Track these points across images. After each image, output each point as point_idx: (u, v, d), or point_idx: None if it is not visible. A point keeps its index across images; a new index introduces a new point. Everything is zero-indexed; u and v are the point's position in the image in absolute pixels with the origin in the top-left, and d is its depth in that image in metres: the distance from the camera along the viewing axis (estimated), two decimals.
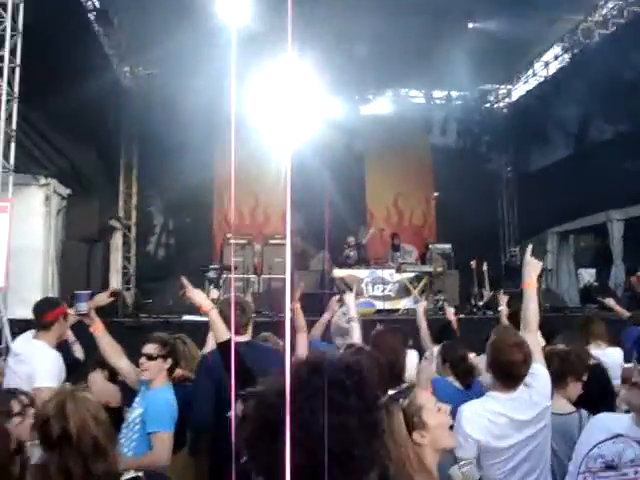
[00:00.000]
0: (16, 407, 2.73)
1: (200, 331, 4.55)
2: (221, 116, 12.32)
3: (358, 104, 15.38)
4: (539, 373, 3.06)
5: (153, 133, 13.38)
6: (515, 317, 4.91)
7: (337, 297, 4.85)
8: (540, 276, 12.26)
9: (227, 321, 3.79)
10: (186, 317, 8.60)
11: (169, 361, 3.63)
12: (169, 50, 11.62)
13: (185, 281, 3.44)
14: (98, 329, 3.85)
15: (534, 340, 3.19)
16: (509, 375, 2.97)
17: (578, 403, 3.43)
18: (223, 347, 3.16)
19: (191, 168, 13.00)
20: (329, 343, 4.82)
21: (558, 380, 3.31)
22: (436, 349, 4.57)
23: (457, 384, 3.98)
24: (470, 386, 4.04)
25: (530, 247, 3.61)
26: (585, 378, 3.48)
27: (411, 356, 4.61)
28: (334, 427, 1.17)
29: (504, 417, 2.93)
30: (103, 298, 4.10)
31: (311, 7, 10.03)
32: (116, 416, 3.51)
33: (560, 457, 3.17)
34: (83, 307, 3.80)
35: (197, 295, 3.35)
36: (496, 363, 3.02)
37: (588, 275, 15.26)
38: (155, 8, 10.81)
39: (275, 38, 9.54)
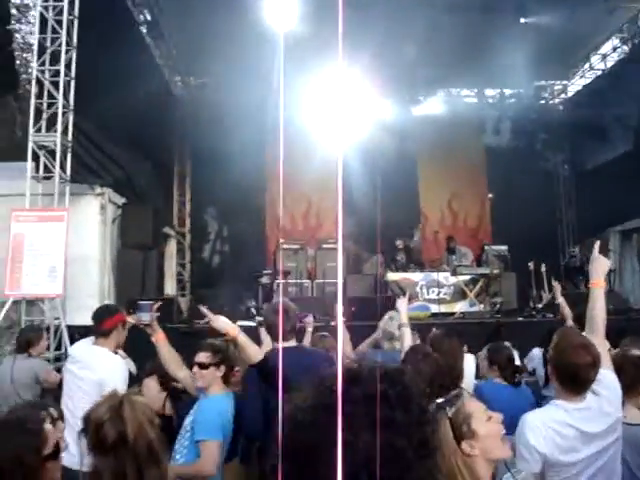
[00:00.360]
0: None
1: (255, 335, 4.53)
2: (272, 121, 12.42)
3: (409, 105, 15.23)
4: (608, 380, 2.82)
5: (205, 141, 13.53)
6: (581, 320, 4.71)
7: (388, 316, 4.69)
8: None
9: (271, 329, 3.77)
10: (240, 323, 8.60)
11: (222, 368, 3.60)
12: (219, 59, 11.82)
13: (205, 310, 3.51)
14: (160, 339, 3.88)
15: (601, 343, 2.97)
16: (575, 380, 2.71)
17: None
18: (258, 367, 3.15)
19: (243, 174, 13.12)
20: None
21: (630, 388, 3.10)
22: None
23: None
24: (519, 385, 4.10)
25: (597, 244, 3.32)
26: None
27: (468, 360, 4.48)
28: (380, 448, 0.99)
29: (572, 429, 2.68)
30: None
31: (359, 8, 9.97)
32: (167, 424, 3.51)
33: (633, 470, 2.99)
34: (146, 317, 3.83)
35: (221, 322, 3.40)
36: (561, 366, 2.76)
37: None
38: (204, 18, 10.98)
39: (323, 41, 9.49)
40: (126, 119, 9.66)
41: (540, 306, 9.93)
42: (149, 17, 12.02)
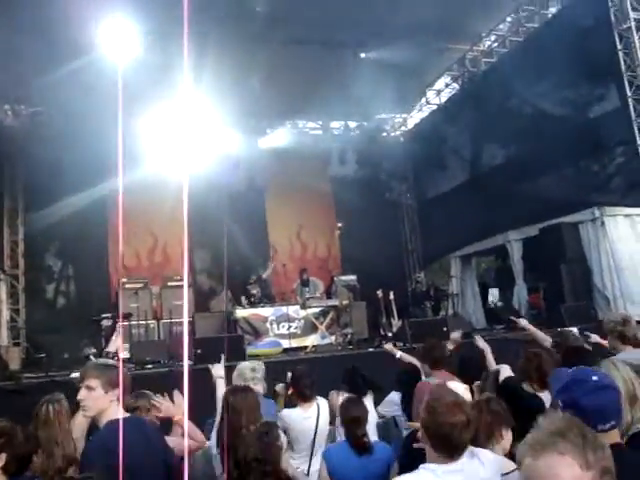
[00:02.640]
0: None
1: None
2: (113, 155, 11.65)
3: (256, 137, 15.11)
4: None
5: (40, 174, 12.47)
6: (430, 352, 4.62)
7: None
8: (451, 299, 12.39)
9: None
10: (75, 374, 7.76)
11: (2, 457, 2.81)
12: (54, 87, 10.93)
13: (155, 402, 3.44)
14: None
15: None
16: (448, 441, 2.39)
17: None
18: None
19: (84, 209, 12.28)
20: None
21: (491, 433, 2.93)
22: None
23: None
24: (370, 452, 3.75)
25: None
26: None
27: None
28: None
29: None
30: None
31: (204, 40, 9.73)
32: None
33: None
34: None
35: (167, 410, 3.34)
36: (432, 427, 2.43)
37: (492, 295, 15.58)
38: (32, 42, 10.12)
39: (168, 72, 9.10)
40: None
41: (390, 335, 10.01)
42: None
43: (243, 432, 2.93)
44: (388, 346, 6.12)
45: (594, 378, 2.16)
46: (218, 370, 4.16)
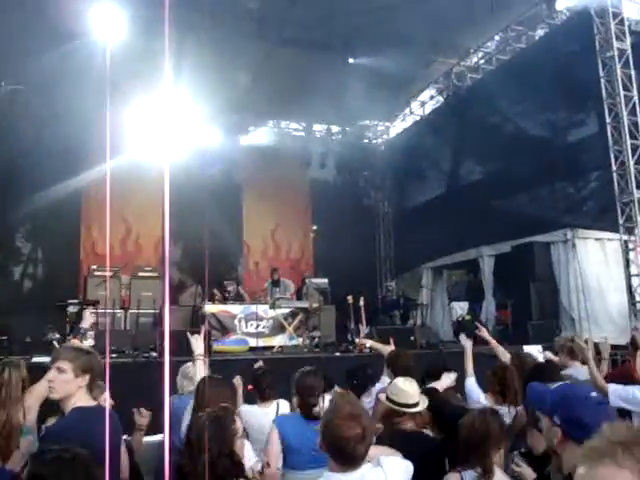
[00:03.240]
0: None
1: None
2: (90, 138, 11.56)
3: (238, 134, 15.06)
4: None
5: (14, 154, 12.25)
6: (395, 360, 4.63)
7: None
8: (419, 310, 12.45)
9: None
10: (36, 359, 7.61)
11: None
12: (37, 66, 10.76)
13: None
14: None
15: None
16: (342, 454, 2.38)
17: None
18: None
19: (59, 193, 12.12)
20: None
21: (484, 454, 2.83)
22: None
23: None
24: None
25: None
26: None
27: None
28: None
29: None
30: None
31: (191, 34, 9.67)
32: None
33: None
34: None
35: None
36: (327, 438, 2.43)
37: (460, 309, 15.71)
38: (18, 21, 9.96)
39: (153, 62, 9.02)
40: None
41: (357, 340, 10.02)
42: None
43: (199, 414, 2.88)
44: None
45: (592, 394, 2.18)
46: (198, 346, 3.95)
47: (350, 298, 10.43)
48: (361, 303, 10.04)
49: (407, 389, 3.33)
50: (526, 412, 3.28)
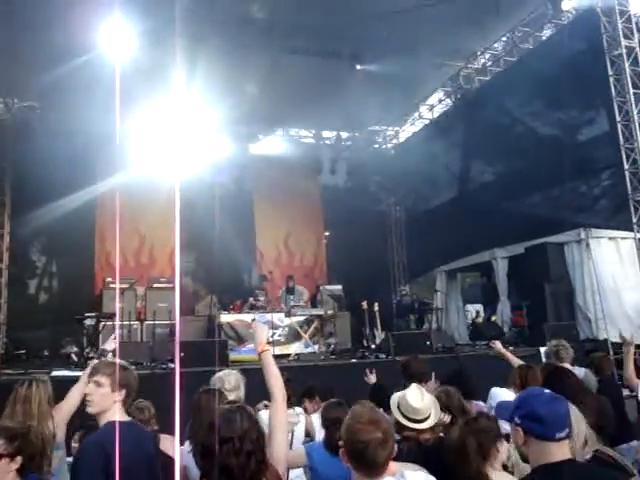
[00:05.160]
0: None
1: (69, 390, 3.88)
2: (105, 153, 11.70)
3: (248, 142, 15.15)
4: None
5: (29, 168, 12.40)
6: (406, 368, 4.67)
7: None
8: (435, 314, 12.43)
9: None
10: (56, 372, 7.71)
11: (18, 460, 2.75)
12: (49, 82, 10.90)
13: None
14: None
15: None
16: (363, 459, 2.36)
17: None
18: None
19: (73, 206, 12.28)
20: None
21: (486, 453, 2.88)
22: None
23: None
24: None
25: None
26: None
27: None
28: None
29: None
30: None
31: (201, 43, 9.74)
32: None
33: None
34: None
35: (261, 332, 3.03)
36: (348, 445, 2.41)
37: (474, 310, 15.67)
38: (30, 39, 10.11)
39: (162, 73, 9.12)
40: None
41: (374, 346, 10.05)
42: None
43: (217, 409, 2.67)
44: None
45: (546, 391, 2.28)
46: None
47: (365, 304, 10.46)
48: (376, 308, 10.06)
49: (415, 404, 3.24)
50: None
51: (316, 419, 4.37)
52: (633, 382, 4.99)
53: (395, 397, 3.34)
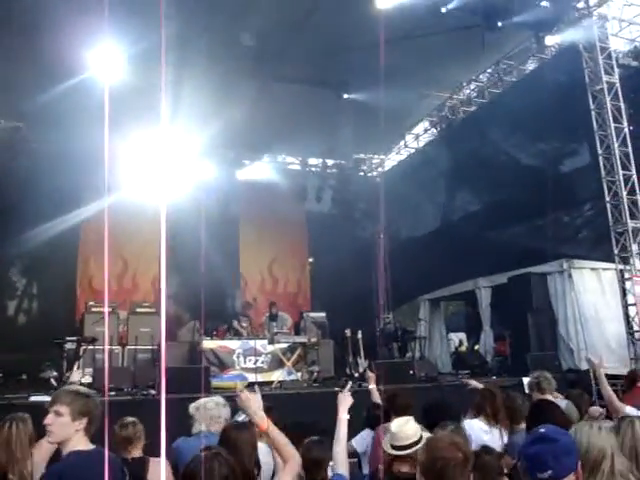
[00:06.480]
0: None
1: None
2: (90, 176, 11.64)
3: (234, 168, 15.17)
4: None
5: (15, 190, 12.30)
6: (393, 400, 4.63)
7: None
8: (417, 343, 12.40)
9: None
10: (34, 398, 7.52)
11: None
12: (35, 103, 10.88)
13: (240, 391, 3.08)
14: None
15: None
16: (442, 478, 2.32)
17: None
18: None
19: (57, 229, 12.10)
20: None
21: None
22: None
23: None
24: None
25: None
26: None
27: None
28: None
29: None
30: None
31: (188, 71, 9.80)
32: None
33: None
34: None
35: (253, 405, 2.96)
36: (426, 463, 2.37)
37: (457, 339, 15.65)
38: (19, 61, 10.11)
39: (150, 98, 9.13)
40: None
41: (357, 375, 9.97)
42: None
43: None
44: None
45: (541, 430, 2.24)
46: None
47: (348, 331, 10.41)
48: (359, 336, 10.02)
49: (397, 431, 3.19)
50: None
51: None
52: (621, 409, 4.72)
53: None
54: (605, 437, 2.39)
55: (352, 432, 4.90)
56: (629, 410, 3.92)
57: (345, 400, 3.75)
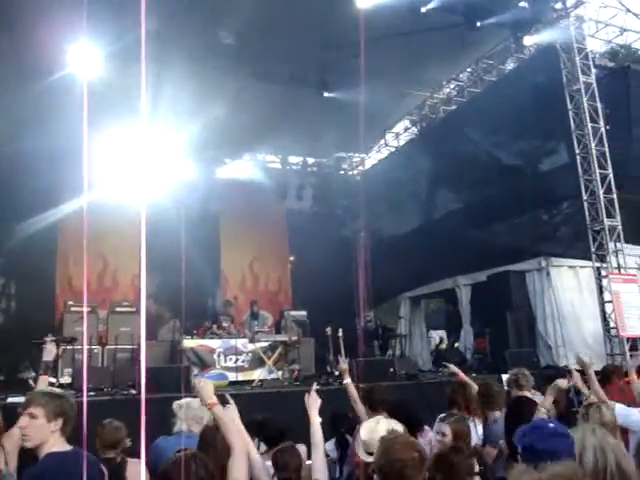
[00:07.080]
0: None
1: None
2: (69, 174, 11.50)
3: (214, 166, 15.11)
4: None
5: None
6: (369, 395, 4.66)
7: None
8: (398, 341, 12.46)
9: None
10: (12, 399, 7.41)
11: None
12: (12, 100, 10.73)
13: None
14: None
15: None
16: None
17: None
18: None
19: (35, 228, 11.97)
20: None
21: None
22: None
23: None
24: None
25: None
26: None
27: None
28: None
29: None
30: None
31: (167, 69, 9.73)
32: None
33: None
34: None
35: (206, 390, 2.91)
36: (384, 465, 2.42)
37: (438, 337, 15.75)
38: None
39: (129, 97, 9.06)
40: None
41: (337, 373, 9.98)
42: None
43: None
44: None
45: (550, 425, 2.27)
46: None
47: (329, 330, 10.42)
48: (340, 334, 10.04)
49: (368, 439, 3.21)
50: (509, 447, 3.39)
51: None
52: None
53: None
54: (604, 438, 2.39)
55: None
56: (619, 408, 3.98)
57: (314, 402, 3.68)
